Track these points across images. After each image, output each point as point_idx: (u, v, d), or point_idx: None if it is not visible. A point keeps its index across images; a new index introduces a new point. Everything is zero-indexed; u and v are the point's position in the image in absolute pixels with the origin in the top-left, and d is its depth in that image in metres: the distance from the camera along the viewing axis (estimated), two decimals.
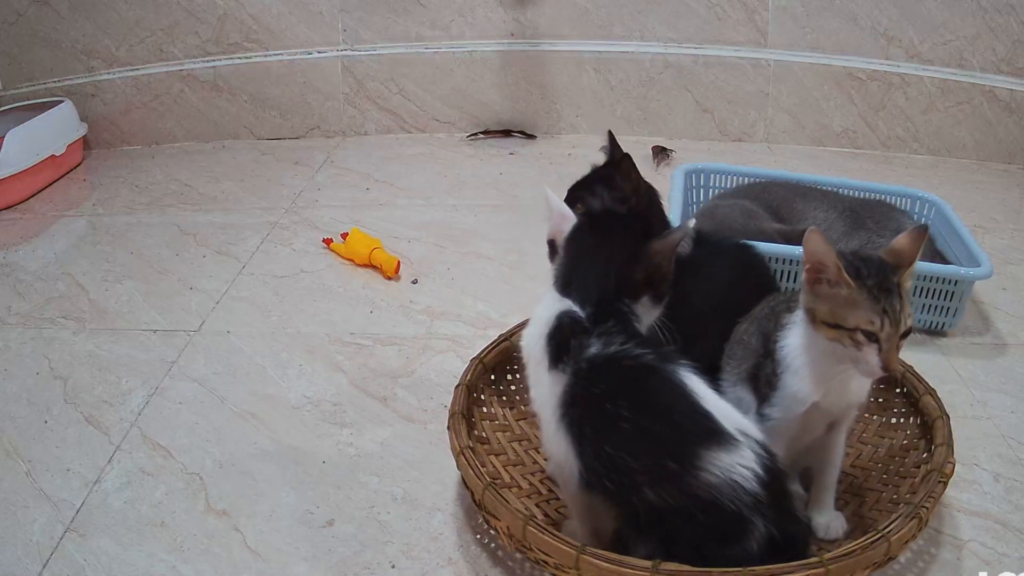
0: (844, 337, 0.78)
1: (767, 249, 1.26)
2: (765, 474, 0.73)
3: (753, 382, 0.87)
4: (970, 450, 1.07)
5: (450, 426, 0.93)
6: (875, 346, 0.77)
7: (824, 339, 0.80)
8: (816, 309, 0.80)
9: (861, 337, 0.78)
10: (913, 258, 0.81)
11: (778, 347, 0.84)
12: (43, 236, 1.67)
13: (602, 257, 0.84)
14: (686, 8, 2.01)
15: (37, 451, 1.07)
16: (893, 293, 0.78)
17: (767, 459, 0.74)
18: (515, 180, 1.89)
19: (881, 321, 0.77)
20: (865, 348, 0.78)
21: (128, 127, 2.12)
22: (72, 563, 0.91)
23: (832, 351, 0.80)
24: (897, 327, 0.77)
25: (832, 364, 0.81)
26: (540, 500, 0.95)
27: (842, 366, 0.81)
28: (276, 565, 0.91)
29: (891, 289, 0.78)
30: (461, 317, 1.36)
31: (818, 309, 0.80)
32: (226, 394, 1.18)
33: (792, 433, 0.85)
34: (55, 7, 1.99)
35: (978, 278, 1.26)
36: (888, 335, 0.77)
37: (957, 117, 2.00)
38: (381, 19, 2.05)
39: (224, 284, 1.46)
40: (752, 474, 0.73)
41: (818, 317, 0.80)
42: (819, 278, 0.80)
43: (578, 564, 0.76)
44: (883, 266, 0.80)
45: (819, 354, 0.82)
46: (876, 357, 0.77)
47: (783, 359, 0.83)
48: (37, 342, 1.31)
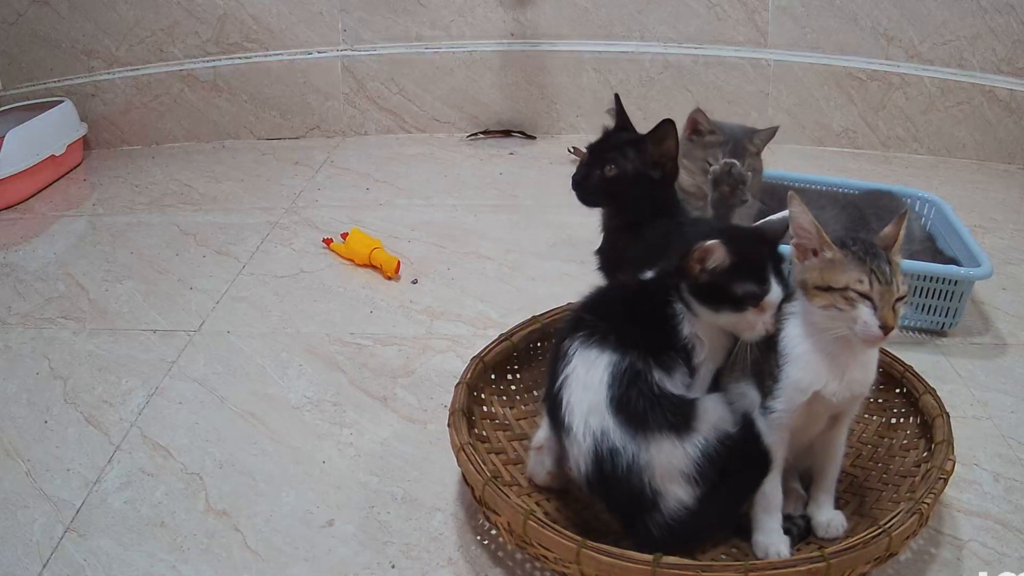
0: (838, 299, 0.80)
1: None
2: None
3: (757, 377, 0.87)
4: (970, 450, 1.07)
5: (451, 423, 0.93)
6: (869, 305, 0.79)
7: (820, 312, 0.81)
8: (807, 278, 0.83)
9: (853, 295, 0.79)
10: (896, 237, 0.84)
11: (779, 338, 0.85)
12: (43, 236, 1.67)
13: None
14: (686, 8, 2.01)
15: (37, 451, 1.07)
16: (880, 257, 0.81)
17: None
18: (515, 180, 1.89)
19: (870, 280, 0.79)
20: (860, 307, 0.79)
21: (128, 127, 2.12)
22: (72, 563, 0.91)
23: (830, 324, 0.81)
24: (888, 287, 0.79)
25: (832, 346, 0.82)
26: (540, 499, 0.95)
27: (843, 350, 0.82)
28: (276, 565, 0.91)
29: (878, 254, 0.81)
30: (461, 317, 1.36)
31: (809, 277, 0.83)
32: (226, 394, 1.18)
33: (796, 425, 0.85)
34: (55, 7, 1.99)
35: (978, 278, 1.26)
36: (880, 293, 0.79)
37: (957, 117, 2.00)
38: (381, 19, 2.05)
39: (224, 284, 1.46)
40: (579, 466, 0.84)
41: (810, 284, 0.82)
42: (806, 249, 0.83)
43: (579, 558, 0.76)
44: (868, 240, 0.83)
45: (819, 339, 0.83)
46: (872, 316, 0.79)
47: (784, 349, 0.85)
48: (37, 342, 1.31)
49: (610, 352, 0.84)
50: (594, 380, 0.83)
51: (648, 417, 0.81)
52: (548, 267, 1.51)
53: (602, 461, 0.81)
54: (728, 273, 0.84)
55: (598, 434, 0.82)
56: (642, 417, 0.81)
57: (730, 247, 0.84)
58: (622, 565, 0.74)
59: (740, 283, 0.84)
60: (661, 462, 0.81)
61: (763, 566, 0.73)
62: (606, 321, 0.86)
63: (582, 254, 1.56)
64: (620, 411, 0.82)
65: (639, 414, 0.81)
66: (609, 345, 0.84)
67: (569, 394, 0.84)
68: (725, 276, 0.84)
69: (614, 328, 0.86)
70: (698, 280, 0.85)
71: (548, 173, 1.92)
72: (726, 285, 0.84)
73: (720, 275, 0.84)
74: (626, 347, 0.84)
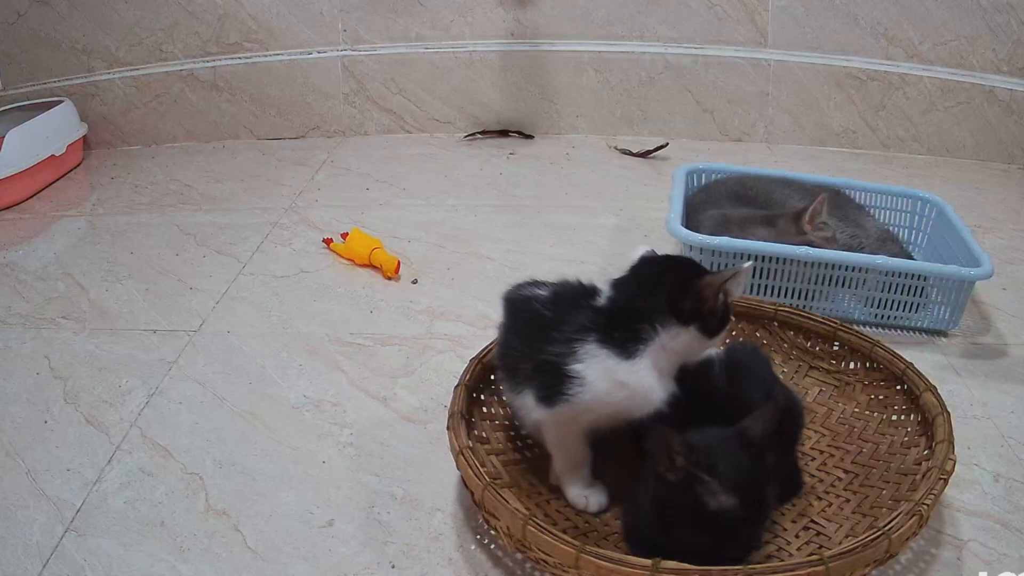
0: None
1: (755, 248, 1.27)
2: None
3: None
4: (970, 450, 1.07)
5: (450, 426, 0.93)
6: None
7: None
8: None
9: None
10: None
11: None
12: (43, 236, 1.67)
13: (655, 280, 0.87)
14: (686, 8, 2.01)
15: (37, 451, 1.07)
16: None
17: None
18: (515, 180, 1.89)
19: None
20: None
21: (128, 127, 2.12)
22: (72, 563, 0.91)
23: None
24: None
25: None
26: (540, 500, 0.95)
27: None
28: (276, 565, 0.91)
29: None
30: (461, 317, 1.36)
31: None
32: (226, 394, 1.18)
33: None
34: (55, 7, 1.99)
35: (978, 278, 1.26)
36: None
37: (957, 117, 2.00)
38: (381, 19, 2.05)
39: (224, 284, 1.46)
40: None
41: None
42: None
43: (578, 563, 0.76)
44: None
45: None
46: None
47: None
48: (37, 342, 1.31)
49: None
50: None
51: None
52: (548, 267, 1.51)
53: None
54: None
55: None
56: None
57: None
58: (621, 570, 0.74)
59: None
60: None
61: (763, 570, 0.73)
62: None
63: (582, 254, 1.57)
64: None
65: None
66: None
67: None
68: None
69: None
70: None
71: (548, 173, 1.92)
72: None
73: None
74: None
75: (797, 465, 0.97)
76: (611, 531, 0.91)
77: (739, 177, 1.56)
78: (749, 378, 0.93)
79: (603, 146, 2.06)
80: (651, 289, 0.85)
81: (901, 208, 1.54)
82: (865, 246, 1.39)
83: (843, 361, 1.13)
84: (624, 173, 1.92)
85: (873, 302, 1.31)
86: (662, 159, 1.98)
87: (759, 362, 0.98)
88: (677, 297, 0.84)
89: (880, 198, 1.55)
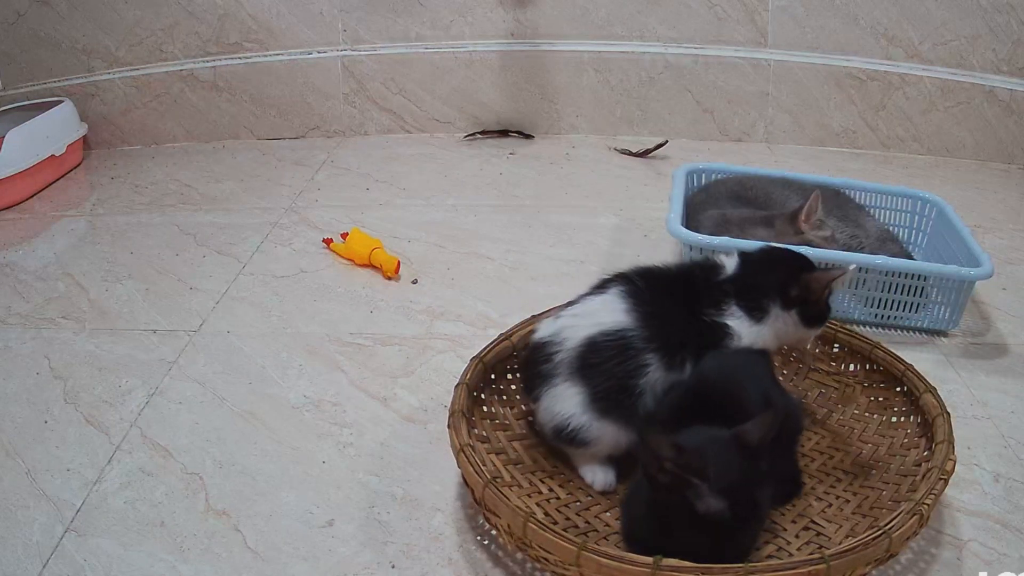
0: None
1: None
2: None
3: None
4: (970, 450, 1.07)
5: (450, 424, 0.93)
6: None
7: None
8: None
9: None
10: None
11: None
12: (43, 236, 1.67)
13: (774, 265, 1.00)
14: (686, 8, 2.01)
15: (37, 451, 1.07)
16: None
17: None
18: (515, 180, 1.89)
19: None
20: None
21: (128, 127, 2.12)
22: (72, 563, 0.91)
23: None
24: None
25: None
26: (540, 499, 0.95)
27: None
28: (276, 565, 0.91)
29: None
30: (461, 317, 1.36)
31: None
32: (226, 394, 1.18)
33: None
34: (55, 7, 1.99)
35: (978, 278, 1.26)
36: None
37: (957, 117, 2.00)
38: (381, 19, 2.05)
39: (224, 284, 1.46)
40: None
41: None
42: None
43: (579, 561, 0.76)
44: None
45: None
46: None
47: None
48: (37, 342, 1.31)
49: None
50: None
51: None
52: (548, 267, 1.51)
53: None
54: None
55: None
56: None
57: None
58: (623, 568, 0.74)
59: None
60: None
61: (763, 568, 0.73)
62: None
63: (582, 254, 1.57)
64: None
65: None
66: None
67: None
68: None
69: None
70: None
71: (548, 173, 1.92)
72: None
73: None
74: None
75: (798, 466, 0.97)
76: (612, 531, 0.91)
77: (739, 177, 1.56)
78: (749, 380, 0.93)
79: (603, 146, 2.06)
80: (769, 271, 0.98)
81: (901, 208, 1.54)
82: (865, 246, 1.40)
83: (843, 363, 1.13)
84: (624, 173, 1.92)
85: (873, 302, 1.31)
86: (662, 159, 1.98)
87: (759, 363, 0.98)
88: (788, 282, 0.95)
89: (880, 198, 1.55)
